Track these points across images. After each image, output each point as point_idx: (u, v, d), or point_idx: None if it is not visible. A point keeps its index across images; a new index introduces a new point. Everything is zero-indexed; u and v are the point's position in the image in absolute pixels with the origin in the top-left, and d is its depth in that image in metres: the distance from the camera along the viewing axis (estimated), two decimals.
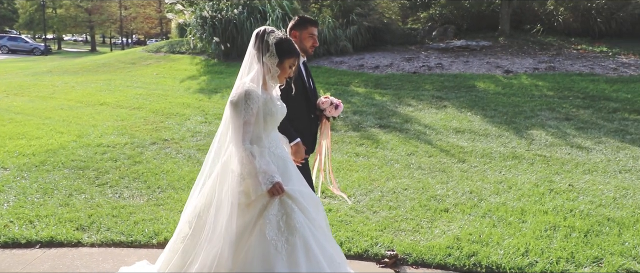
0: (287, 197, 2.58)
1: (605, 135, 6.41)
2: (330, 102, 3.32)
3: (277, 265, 2.48)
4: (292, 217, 2.56)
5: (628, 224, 4.11)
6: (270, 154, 2.62)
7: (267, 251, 2.49)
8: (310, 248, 2.59)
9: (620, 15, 11.31)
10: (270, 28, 2.68)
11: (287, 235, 2.54)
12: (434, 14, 13.70)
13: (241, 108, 2.52)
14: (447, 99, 8.28)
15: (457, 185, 5.02)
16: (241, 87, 2.58)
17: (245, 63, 2.66)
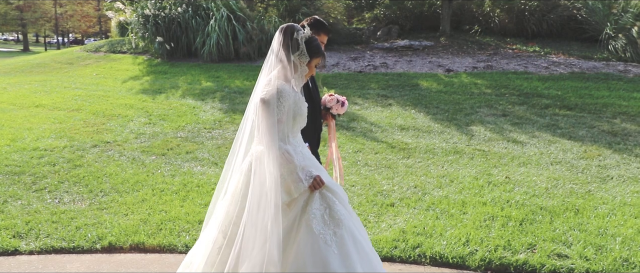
0: (326, 189, 2.58)
1: (538, 130, 6.80)
2: (337, 99, 3.30)
3: (330, 259, 2.46)
4: (334, 209, 2.55)
5: (559, 212, 4.40)
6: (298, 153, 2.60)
7: (317, 246, 2.47)
8: (356, 238, 2.59)
9: (550, 17, 11.99)
10: (296, 25, 2.63)
11: (334, 227, 2.52)
12: (378, 14, 13.99)
13: (274, 106, 2.46)
14: (392, 97, 8.50)
15: (403, 180, 5.18)
16: (272, 84, 2.50)
17: (268, 61, 2.60)
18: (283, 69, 2.55)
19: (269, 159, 2.46)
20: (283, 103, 2.47)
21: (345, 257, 2.48)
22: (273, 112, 2.45)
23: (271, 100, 2.45)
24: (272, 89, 2.47)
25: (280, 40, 2.56)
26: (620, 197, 4.70)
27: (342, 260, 2.47)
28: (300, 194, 2.53)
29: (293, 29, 2.57)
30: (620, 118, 7.17)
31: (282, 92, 2.47)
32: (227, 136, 6.68)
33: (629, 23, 10.37)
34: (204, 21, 11.71)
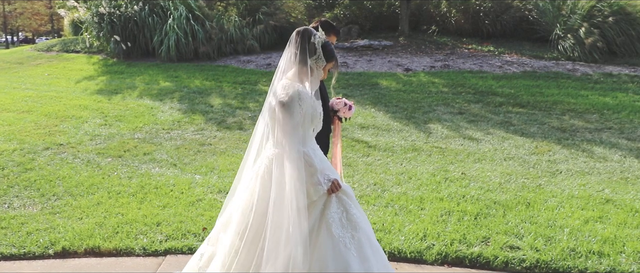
0: (342, 193, 2.61)
1: (492, 127, 7.02)
2: (344, 103, 3.28)
3: (351, 261, 2.48)
4: (350, 212, 2.59)
5: (511, 206, 4.56)
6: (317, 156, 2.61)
7: (338, 249, 2.49)
8: (371, 240, 2.63)
9: (504, 17, 12.40)
10: (310, 28, 2.64)
11: (351, 230, 2.55)
12: (338, 14, 14.09)
13: (294, 109, 2.45)
14: (353, 96, 8.58)
15: (362, 178, 5.25)
16: (290, 87, 2.50)
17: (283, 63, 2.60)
18: (298, 72, 2.56)
19: (289, 162, 2.45)
20: (302, 106, 2.47)
21: (364, 260, 2.52)
22: (293, 115, 2.45)
23: (291, 103, 2.45)
24: (291, 91, 2.47)
25: (298, 43, 2.56)
26: (568, 190, 4.92)
27: (361, 262, 2.51)
28: (319, 197, 2.55)
29: (310, 33, 2.58)
30: (569, 115, 7.50)
31: (301, 95, 2.47)
32: (186, 136, 6.58)
33: (576, 24, 10.84)
34: (162, 20, 11.48)
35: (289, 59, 2.59)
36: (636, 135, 6.59)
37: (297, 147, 2.46)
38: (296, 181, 2.44)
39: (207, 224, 4.10)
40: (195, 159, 5.75)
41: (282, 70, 2.60)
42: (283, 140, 2.48)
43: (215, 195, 4.74)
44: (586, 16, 10.79)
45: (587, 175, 5.35)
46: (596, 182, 5.13)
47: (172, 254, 3.69)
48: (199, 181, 5.05)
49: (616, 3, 10.72)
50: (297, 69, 2.56)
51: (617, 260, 3.68)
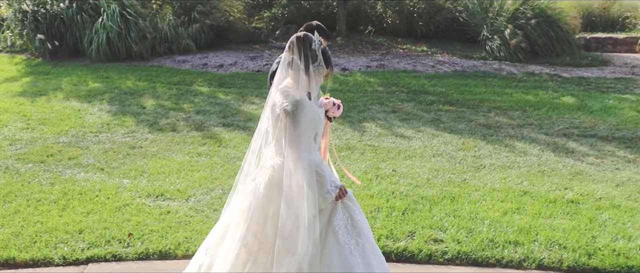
0: (347, 198, 2.64)
1: (423, 125, 7.27)
2: (333, 102, 3.27)
3: (356, 268, 2.51)
4: (355, 218, 2.62)
5: (437, 200, 4.75)
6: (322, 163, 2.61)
7: (344, 256, 2.52)
8: (373, 246, 2.66)
9: (437, 18, 12.84)
10: (310, 35, 2.62)
11: (356, 237, 2.58)
12: (276, 13, 14.07)
13: (299, 117, 2.44)
14: None
15: None
16: (293, 95, 2.48)
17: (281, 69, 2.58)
18: (300, 79, 2.54)
19: (298, 173, 2.44)
20: (306, 113, 2.48)
21: (368, 266, 2.57)
22: (299, 123, 2.45)
23: (296, 112, 2.45)
24: (293, 99, 2.47)
25: (300, 50, 2.55)
26: (491, 184, 5.18)
27: (365, 268, 2.55)
28: (327, 205, 2.56)
29: (310, 39, 2.58)
30: (495, 112, 7.88)
31: (304, 102, 2.48)
32: (116, 139, 6.36)
33: (502, 26, 11.42)
34: (92, 18, 11.01)
35: (288, 66, 2.58)
36: (554, 130, 7.03)
37: (305, 155, 2.47)
38: (307, 191, 2.44)
39: (134, 229, 4.00)
40: (125, 163, 5.58)
41: (280, 77, 2.59)
42: (290, 150, 2.47)
43: (144, 199, 4.62)
44: (511, 18, 11.38)
45: (508, 169, 5.66)
46: (516, 175, 5.44)
47: (94, 262, 3.57)
48: (127, 185, 4.90)
49: (538, 6, 11.38)
50: (298, 76, 2.55)
51: (530, 248, 3.92)
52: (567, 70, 10.43)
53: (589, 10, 13.30)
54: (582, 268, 3.74)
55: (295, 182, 2.47)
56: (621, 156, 6.10)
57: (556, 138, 6.70)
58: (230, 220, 2.72)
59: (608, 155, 6.14)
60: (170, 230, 4.02)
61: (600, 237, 4.09)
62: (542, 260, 3.79)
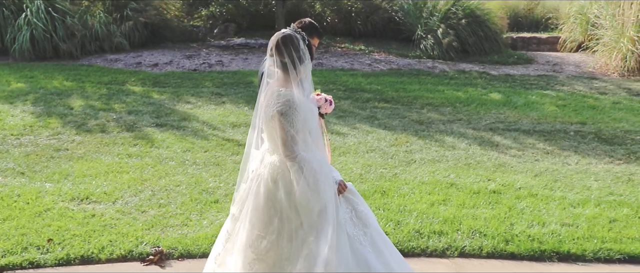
0: (348, 192, 2.67)
1: (359, 122, 7.41)
2: (325, 98, 3.20)
3: (369, 258, 2.53)
4: (358, 209, 2.66)
5: (368, 195, 4.87)
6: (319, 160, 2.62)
7: (355, 248, 2.53)
8: (381, 234, 2.69)
9: (374, 18, 13.10)
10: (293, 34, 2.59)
11: (363, 227, 2.61)
12: (214, 11, 13.86)
13: (293, 117, 2.45)
14: (226, 95, 8.52)
15: (229, 177, 5.25)
16: (285, 95, 2.48)
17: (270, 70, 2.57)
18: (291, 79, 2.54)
19: (294, 169, 2.46)
20: (299, 112, 2.48)
21: (379, 254, 2.60)
22: (293, 123, 2.46)
23: (288, 111, 2.45)
24: (286, 99, 2.47)
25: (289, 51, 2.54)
26: (420, 177, 5.37)
27: (377, 257, 2.58)
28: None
29: (297, 39, 2.59)
30: (427, 108, 8.16)
31: (297, 101, 2.49)
32: (39, 142, 6.05)
33: (435, 25, 11.82)
34: (15, 14, 10.39)
35: (276, 67, 2.58)
36: (481, 125, 7.37)
37: (302, 154, 2.48)
38: (306, 188, 2.46)
39: (54, 235, 3.83)
40: (48, 166, 5.32)
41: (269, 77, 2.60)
42: (286, 148, 2.47)
43: (67, 203, 4.44)
44: (443, 18, 11.80)
45: (437, 162, 5.88)
46: (444, 169, 5.67)
47: (9, 270, 3.39)
48: (49, 189, 4.69)
49: (468, 7, 11.87)
50: (288, 76, 2.55)
51: (453, 237, 4.10)
52: (494, 68, 10.95)
53: (515, 11, 14.02)
54: (500, 254, 3.96)
55: (294, 180, 2.49)
56: (541, 148, 6.49)
57: (483, 133, 7.03)
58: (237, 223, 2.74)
59: (529, 147, 6.51)
60: (94, 234, 3.89)
61: (518, 224, 4.34)
62: (464, 248, 3.97)
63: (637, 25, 9.98)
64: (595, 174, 5.64)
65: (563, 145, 6.59)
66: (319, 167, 2.55)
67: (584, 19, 11.84)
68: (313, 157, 2.57)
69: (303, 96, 2.59)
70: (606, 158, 6.14)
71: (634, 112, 8.02)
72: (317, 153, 2.66)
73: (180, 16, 13.94)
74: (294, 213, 2.52)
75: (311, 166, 2.52)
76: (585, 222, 4.42)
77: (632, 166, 5.90)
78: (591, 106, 8.32)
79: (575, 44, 12.19)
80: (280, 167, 2.56)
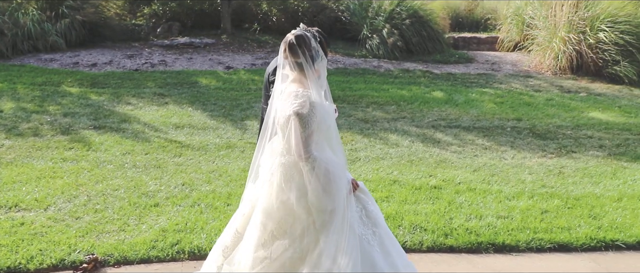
0: (359, 191, 2.67)
1: None
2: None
3: (376, 258, 2.54)
4: (368, 209, 2.66)
5: None
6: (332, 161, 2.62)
7: (363, 247, 2.53)
8: (389, 235, 2.68)
9: (321, 17, 13.14)
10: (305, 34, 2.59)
11: (372, 227, 2.61)
12: (157, 10, 13.47)
13: (310, 119, 2.44)
14: (169, 95, 8.31)
15: (171, 179, 5.11)
16: (303, 96, 2.47)
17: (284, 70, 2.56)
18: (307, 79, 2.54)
19: (306, 170, 2.46)
20: (316, 113, 2.47)
21: (387, 255, 2.60)
22: (309, 124, 2.45)
23: (304, 112, 2.45)
24: (305, 101, 2.46)
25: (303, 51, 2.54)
26: (364, 175, 5.43)
27: (384, 257, 2.58)
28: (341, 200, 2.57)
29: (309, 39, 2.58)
30: (372, 107, 8.27)
31: (314, 102, 2.48)
32: None
33: (380, 25, 12.01)
34: None
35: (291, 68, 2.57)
36: (424, 122, 7.55)
37: (316, 154, 2.48)
38: (319, 188, 2.46)
39: None
40: None
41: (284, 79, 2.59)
42: (301, 149, 2.46)
43: None
44: (388, 18, 12.01)
45: (381, 160, 5.98)
46: (387, 166, 5.76)
47: None
48: None
49: (411, 7, 12.14)
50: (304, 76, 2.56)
51: (395, 233, 4.17)
52: (437, 67, 11.26)
53: (457, 12, 14.48)
54: (439, 247, 4.07)
55: (307, 180, 2.49)
56: (480, 144, 6.73)
57: (425, 130, 7.21)
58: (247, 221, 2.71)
59: (469, 143, 6.74)
60: (23, 243, 3.68)
61: (456, 218, 4.48)
62: (405, 243, 4.05)
63: (567, 26, 10.55)
64: (529, 168, 5.90)
65: (500, 140, 6.86)
66: (332, 167, 2.56)
67: (520, 20, 12.37)
68: (326, 157, 2.57)
69: (320, 97, 2.58)
70: (539, 153, 6.45)
71: (565, 108, 8.47)
72: (329, 153, 2.65)
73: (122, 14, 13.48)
74: (305, 213, 2.52)
75: (324, 166, 2.52)
76: (519, 214, 4.62)
77: (563, 159, 6.23)
78: (526, 103, 8.72)
79: (512, 43, 12.72)
80: (294, 167, 2.55)
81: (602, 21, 10.17)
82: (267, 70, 3.42)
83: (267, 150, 2.72)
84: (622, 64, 9.99)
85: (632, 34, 9.97)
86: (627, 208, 4.81)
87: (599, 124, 7.63)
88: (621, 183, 5.46)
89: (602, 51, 10.13)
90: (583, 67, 10.56)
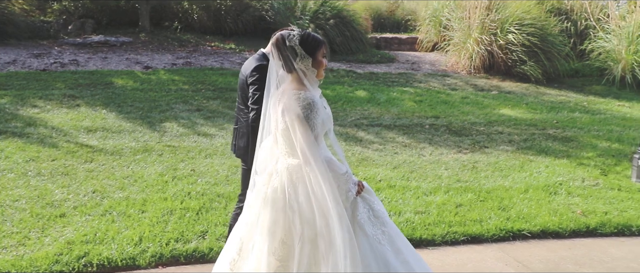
0: (364, 192, 2.64)
1: (228, 122, 7.25)
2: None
3: (388, 257, 2.53)
4: (375, 208, 2.64)
5: (233, 197, 4.76)
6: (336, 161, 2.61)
7: (375, 247, 2.52)
8: (398, 233, 2.66)
9: (244, 16, 12.96)
10: (284, 31, 2.54)
11: (381, 226, 2.60)
12: (68, 6, 12.65)
13: (313, 120, 2.42)
14: (81, 97, 7.81)
15: (80, 187, 4.80)
16: (301, 97, 2.44)
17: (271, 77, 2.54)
18: (296, 80, 2.51)
19: (318, 174, 2.41)
20: (317, 114, 2.45)
21: (398, 253, 2.58)
22: (314, 125, 2.43)
23: (309, 114, 2.42)
24: (304, 102, 2.42)
25: (278, 54, 2.51)
26: None
27: (396, 256, 2.57)
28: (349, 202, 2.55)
29: (283, 38, 2.52)
30: None
31: (314, 102, 2.45)
32: None
33: (306, 25, 12.03)
34: None
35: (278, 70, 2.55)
36: (347, 121, 7.65)
37: (321, 157, 2.45)
38: (329, 191, 2.41)
39: None
40: None
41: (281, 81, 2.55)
42: (306, 151, 2.42)
43: None
44: (313, 18, 12.07)
45: None
46: None
47: None
48: None
49: (335, 8, 12.28)
50: (291, 78, 2.53)
51: None
52: (360, 66, 11.48)
53: (379, 13, 14.85)
54: None
55: (315, 183, 2.44)
56: (400, 142, 6.92)
57: (348, 129, 7.30)
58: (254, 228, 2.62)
59: (389, 141, 6.91)
60: None
61: None
62: None
63: (480, 28, 11.13)
64: (445, 163, 6.15)
65: (419, 138, 7.09)
66: (338, 169, 2.55)
67: (437, 21, 12.91)
68: (332, 159, 2.58)
69: (318, 97, 2.56)
70: (455, 149, 6.74)
71: (479, 106, 8.93)
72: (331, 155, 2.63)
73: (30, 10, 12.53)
74: (314, 216, 2.47)
75: (331, 167, 2.51)
76: (436, 209, 4.79)
77: (476, 155, 6.55)
78: (444, 101, 9.10)
79: (431, 44, 13.25)
80: (299, 170, 2.49)
81: (511, 24, 10.84)
82: (242, 72, 3.38)
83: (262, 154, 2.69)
84: (528, 63, 10.70)
85: (537, 36, 10.70)
86: (533, 199, 5.14)
87: (508, 120, 8.12)
88: (528, 175, 5.83)
89: (511, 52, 10.79)
90: (495, 66, 11.19)
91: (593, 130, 7.82)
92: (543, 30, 10.94)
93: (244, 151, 3.30)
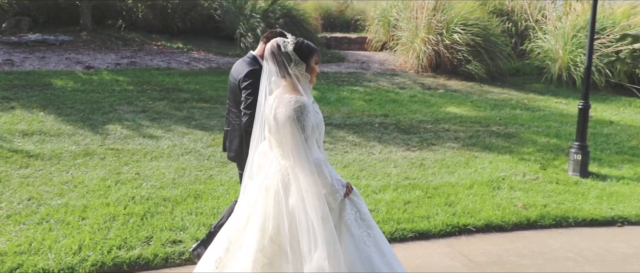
0: (353, 194, 2.70)
1: (175, 123, 7.06)
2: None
3: (373, 257, 2.59)
4: (362, 211, 2.70)
5: (180, 200, 4.64)
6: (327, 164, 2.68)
7: (360, 248, 2.59)
8: (382, 236, 2.72)
9: (192, 15, 12.68)
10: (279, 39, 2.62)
11: (366, 228, 2.66)
12: (2, 3, 11.94)
13: (304, 123, 2.48)
14: (16, 99, 7.39)
15: (14, 194, 4.53)
16: (293, 101, 2.50)
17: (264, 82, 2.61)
18: (289, 85, 2.57)
19: (305, 176, 2.48)
20: (308, 117, 2.50)
21: (382, 255, 2.65)
22: (304, 128, 2.49)
23: (301, 118, 2.48)
24: (295, 105, 2.49)
25: (273, 60, 2.58)
26: (235, 177, 5.31)
27: (381, 257, 2.63)
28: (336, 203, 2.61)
29: (278, 45, 2.60)
30: None
31: (305, 106, 2.50)
32: None
33: (255, 24, 11.92)
34: None
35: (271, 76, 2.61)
36: None
37: (308, 159, 2.50)
38: (314, 195, 2.48)
39: None
40: None
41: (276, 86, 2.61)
42: (296, 154, 2.49)
43: None
44: (263, 17, 11.96)
45: None
46: None
47: None
48: None
49: (285, 7, 12.23)
50: (285, 82, 2.58)
51: None
52: None
53: (328, 12, 14.92)
54: None
55: (304, 184, 2.51)
56: (350, 140, 6.96)
57: None
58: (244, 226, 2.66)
59: (340, 140, 6.94)
60: None
61: None
62: None
63: (427, 28, 11.40)
64: (394, 161, 6.24)
65: (369, 136, 7.17)
66: (328, 171, 2.61)
67: (386, 21, 13.11)
68: (323, 161, 2.62)
69: (310, 101, 2.62)
70: (404, 147, 6.85)
71: (426, 104, 9.14)
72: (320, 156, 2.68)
73: None
74: (304, 217, 2.53)
75: (321, 170, 2.57)
76: (385, 206, 4.85)
77: (424, 152, 6.69)
78: (392, 100, 9.24)
79: (380, 43, 13.44)
80: (292, 172, 2.57)
81: (456, 24, 11.16)
82: (233, 75, 3.35)
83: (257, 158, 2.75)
84: (473, 63, 11.05)
85: (480, 36, 11.07)
86: (477, 194, 5.30)
87: (454, 118, 8.35)
88: (472, 171, 6.01)
89: (457, 51, 11.11)
90: (441, 65, 11.49)
91: (533, 127, 8.17)
92: (486, 31, 11.34)
93: (237, 154, 3.42)
